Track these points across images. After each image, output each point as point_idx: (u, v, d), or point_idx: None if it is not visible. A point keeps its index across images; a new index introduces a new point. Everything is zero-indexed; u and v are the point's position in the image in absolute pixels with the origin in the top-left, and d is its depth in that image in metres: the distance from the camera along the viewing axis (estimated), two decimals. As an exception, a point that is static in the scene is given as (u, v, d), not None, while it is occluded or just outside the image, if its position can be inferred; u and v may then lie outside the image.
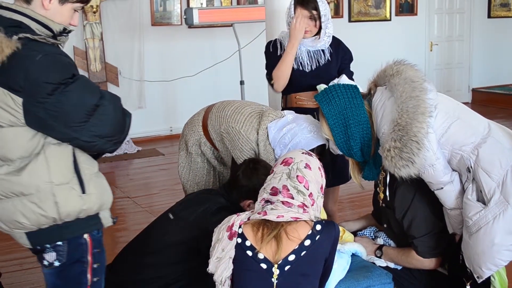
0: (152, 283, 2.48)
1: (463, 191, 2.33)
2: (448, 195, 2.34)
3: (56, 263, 1.97)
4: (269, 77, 3.38)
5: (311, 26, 3.27)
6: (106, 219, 2.05)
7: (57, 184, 1.89)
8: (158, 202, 5.00)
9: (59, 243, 1.95)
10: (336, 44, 3.40)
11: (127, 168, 6.57)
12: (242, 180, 2.62)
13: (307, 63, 3.33)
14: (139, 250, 2.58)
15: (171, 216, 2.62)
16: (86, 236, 2.00)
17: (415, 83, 2.25)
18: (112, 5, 7.17)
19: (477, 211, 2.23)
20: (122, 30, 7.29)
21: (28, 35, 1.82)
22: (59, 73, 1.84)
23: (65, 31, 1.96)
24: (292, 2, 3.29)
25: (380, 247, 2.69)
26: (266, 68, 3.45)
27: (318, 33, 3.30)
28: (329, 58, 3.34)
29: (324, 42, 3.33)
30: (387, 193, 2.50)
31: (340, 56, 3.38)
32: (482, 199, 2.25)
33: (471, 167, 2.25)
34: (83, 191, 1.94)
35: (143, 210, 4.97)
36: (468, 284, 2.35)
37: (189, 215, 2.55)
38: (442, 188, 2.33)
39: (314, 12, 3.23)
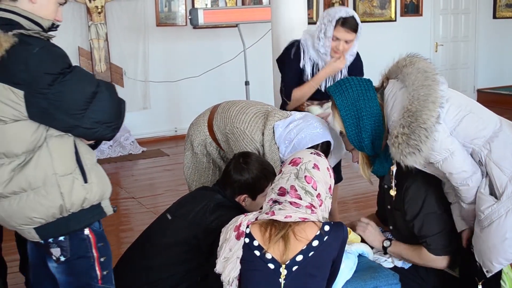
0: (157, 285, 2.48)
1: None
2: (472, 192, 2.30)
3: (62, 258, 2.04)
4: (287, 92, 3.32)
5: (347, 49, 3.24)
6: (108, 208, 2.11)
7: (61, 175, 1.95)
8: (163, 203, 4.99)
9: (61, 238, 2.02)
10: (356, 59, 3.40)
11: (132, 168, 6.56)
12: (234, 176, 2.62)
13: (323, 82, 3.32)
14: (141, 253, 2.57)
15: (169, 216, 2.62)
16: (87, 231, 2.05)
17: (428, 73, 2.24)
18: (117, 5, 7.17)
19: (489, 205, 2.23)
20: (127, 30, 7.29)
21: (21, 31, 1.87)
22: (57, 63, 1.90)
23: (54, 26, 2.02)
24: (331, 20, 3.18)
25: (388, 239, 2.66)
26: (284, 80, 3.37)
27: None
28: (346, 74, 3.32)
29: (347, 62, 3.31)
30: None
31: (354, 73, 3.31)
32: (494, 193, 2.24)
33: (482, 160, 2.25)
34: (85, 181, 2.00)
35: (148, 210, 4.97)
36: (480, 283, 2.34)
37: (187, 214, 2.55)
38: (468, 185, 2.27)
39: (355, 34, 3.20)
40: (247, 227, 2.03)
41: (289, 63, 3.37)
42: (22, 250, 3.20)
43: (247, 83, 6.66)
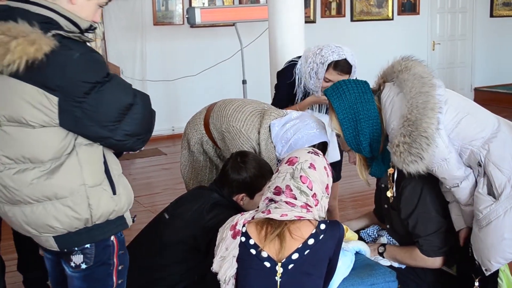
0: (157, 284, 2.48)
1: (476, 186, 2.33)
2: (463, 192, 2.33)
3: (83, 266, 1.93)
4: None
5: None
6: (129, 219, 2.03)
7: (90, 186, 1.84)
8: (160, 202, 4.99)
9: (87, 245, 1.91)
10: None
11: (129, 167, 6.56)
12: (231, 175, 2.61)
13: (317, 109, 3.39)
14: (140, 252, 2.55)
15: (166, 216, 2.61)
16: (113, 238, 1.96)
17: (424, 78, 2.24)
18: (114, 4, 7.15)
19: (488, 205, 2.23)
20: (124, 29, 7.30)
21: (61, 32, 1.76)
22: (96, 72, 1.79)
23: (91, 28, 1.91)
24: (323, 62, 3.17)
25: (382, 244, 2.68)
26: (275, 98, 3.48)
27: None
28: None
29: None
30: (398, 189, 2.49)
31: None
32: (493, 193, 2.25)
33: (481, 161, 2.25)
34: (114, 192, 1.90)
35: (146, 209, 4.97)
36: (477, 280, 2.35)
37: (184, 213, 2.55)
38: (458, 185, 2.32)
39: (348, 75, 3.20)
40: (243, 226, 2.03)
41: (283, 87, 3.43)
42: (21, 249, 3.20)
43: (244, 81, 6.67)
